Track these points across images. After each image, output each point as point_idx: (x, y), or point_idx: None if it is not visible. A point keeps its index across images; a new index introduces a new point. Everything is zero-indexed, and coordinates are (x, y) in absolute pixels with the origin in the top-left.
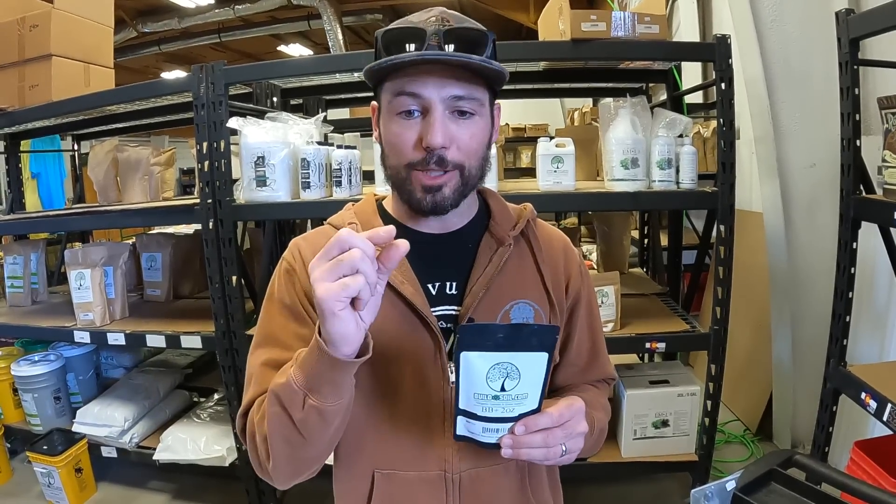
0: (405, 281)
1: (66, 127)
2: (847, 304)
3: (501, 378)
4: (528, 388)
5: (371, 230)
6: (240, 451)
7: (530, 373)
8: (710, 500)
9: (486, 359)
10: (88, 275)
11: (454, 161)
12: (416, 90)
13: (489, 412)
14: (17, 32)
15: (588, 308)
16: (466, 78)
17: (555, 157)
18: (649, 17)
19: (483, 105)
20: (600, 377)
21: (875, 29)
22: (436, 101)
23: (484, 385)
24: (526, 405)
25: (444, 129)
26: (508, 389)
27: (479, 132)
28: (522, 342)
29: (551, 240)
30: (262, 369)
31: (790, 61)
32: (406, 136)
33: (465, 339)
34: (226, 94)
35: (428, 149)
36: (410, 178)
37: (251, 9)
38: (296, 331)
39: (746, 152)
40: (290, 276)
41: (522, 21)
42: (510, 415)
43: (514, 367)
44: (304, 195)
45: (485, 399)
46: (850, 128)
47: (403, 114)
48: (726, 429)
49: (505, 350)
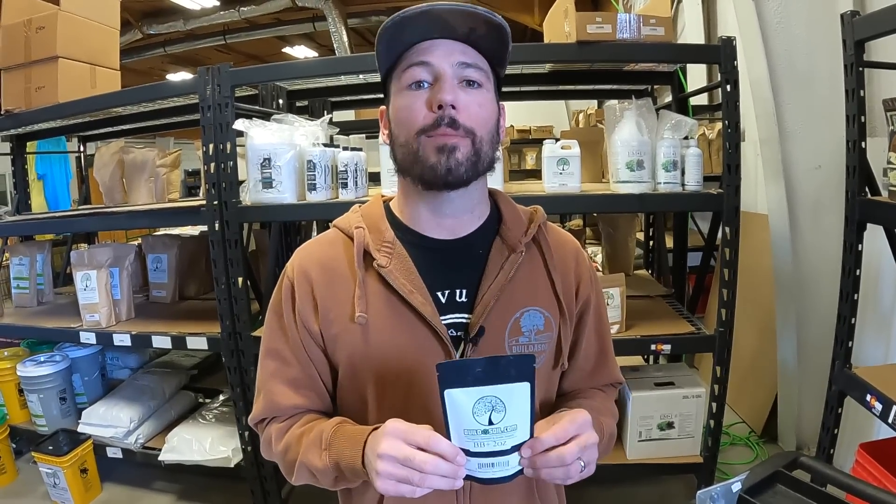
0: (414, 290)
1: (73, 128)
2: (852, 306)
3: (487, 412)
4: (516, 420)
5: (452, 449)
6: (245, 453)
7: (515, 404)
8: (715, 501)
9: (469, 394)
10: (94, 276)
11: (465, 125)
12: (426, 58)
13: (481, 447)
14: (23, 34)
15: (597, 313)
16: (472, 50)
17: (560, 159)
18: (655, 20)
19: (489, 80)
20: (608, 381)
21: (880, 31)
22: (445, 66)
23: (471, 420)
24: (517, 437)
25: (453, 90)
26: (496, 423)
27: (487, 103)
28: (501, 374)
29: (563, 245)
30: (269, 382)
31: (795, 63)
32: (417, 105)
33: (446, 376)
34: (232, 96)
35: (440, 107)
36: (422, 145)
37: (256, 11)
38: (294, 347)
39: (751, 154)
40: (290, 295)
41: (527, 23)
42: (503, 448)
43: (499, 400)
44: (310, 197)
45: (475, 434)
46: (855, 130)
47: (414, 85)
48: (731, 431)
49: (486, 384)
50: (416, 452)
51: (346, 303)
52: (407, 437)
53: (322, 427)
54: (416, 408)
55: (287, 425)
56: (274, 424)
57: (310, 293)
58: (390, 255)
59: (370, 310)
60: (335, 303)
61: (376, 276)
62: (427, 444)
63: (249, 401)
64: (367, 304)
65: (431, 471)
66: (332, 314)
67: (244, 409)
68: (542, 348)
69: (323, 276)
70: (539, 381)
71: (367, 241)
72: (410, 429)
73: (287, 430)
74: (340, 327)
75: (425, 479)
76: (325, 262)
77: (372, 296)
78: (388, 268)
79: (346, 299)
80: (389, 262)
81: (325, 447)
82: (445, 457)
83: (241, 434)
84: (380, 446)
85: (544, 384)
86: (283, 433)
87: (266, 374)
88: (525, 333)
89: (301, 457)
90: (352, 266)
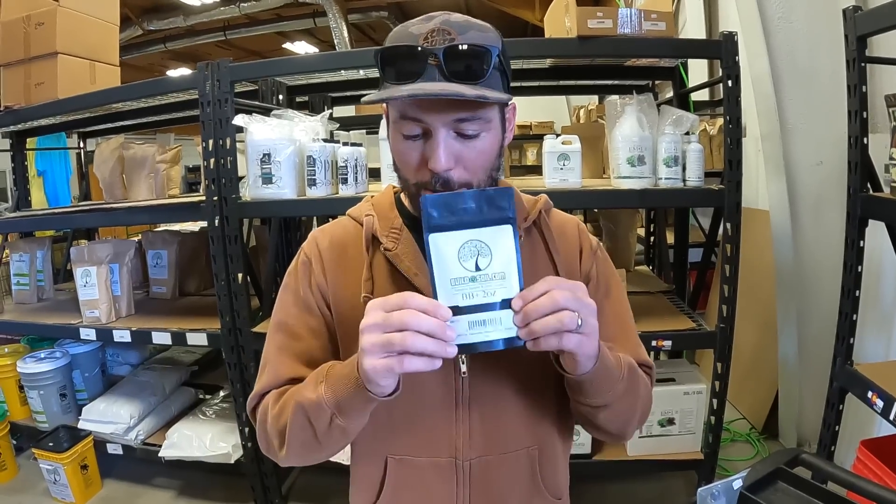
0: (419, 272)
1: (72, 124)
2: (854, 302)
3: (473, 257)
4: (503, 267)
5: (431, 303)
6: (245, 449)
7: (501, 249)
8: (716, 498)
9: (453, 238)
10: (94, 272)
11: (461, 181)
12: (418, 115)
13: (470, 299)
14: (23, 30)
15: (607, 293)
16: (470, 103)
17: (561, 155)
18: (656, 15)
19: (490, 121)
20: None
21: (882, 26)
22: (438, 126)
23: (458, 267)
24: (506, 287)
25: (447, 153)
26: (483, 268)
27: (487, 148)
28: (484, 216)
29: (564, 226)
30: (276, 355)
31: (797, 58)
32: (412, 157)
33: (430, 214)
34: (232, 92)
35: (433, 172)
36: (420, 195)
37: (257, 6)
38: (307, 322)
39: (753, 150)
40: (306, 269)
41: (528, 18)
42: (493, 299)
43: (484, 244)
44: (310, 192)
45: (462, 283)
46: (857, 125)
47: (407, 134)
48: (732, 427)
49: (469, 227)
50: (392, 314)
51: (355, 284)
52: (383, 304)
53: (318, 370)
54: (419, 385)
55: (284, 389)
56: (271, 393)
57: (322, 272)
58: (397, 241)
59: (377, 291)
60: (345, 283)
61: (384, 259)
62: (404, 301)
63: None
64: (374, 285)
65: (413, 325)
66: (340, 294)
67: (244, 405)
68: None
69: (335, 256)
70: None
71: (376, 227)
72: (387, 297)
73: (284, 393)
74: (348, 306)
75: (406, 338)
76: (337, 245)
77: (379, 278)
78: (395, 251)
79: (355, 280)
80: (396, 247)
81: (321, 380)
82: (426, 311)
83: (242, 430)
84: (361, 326)
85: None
86: (280, 396)
87: (273, 347)
88: None
89: (296, 396)
90: (360, 249)
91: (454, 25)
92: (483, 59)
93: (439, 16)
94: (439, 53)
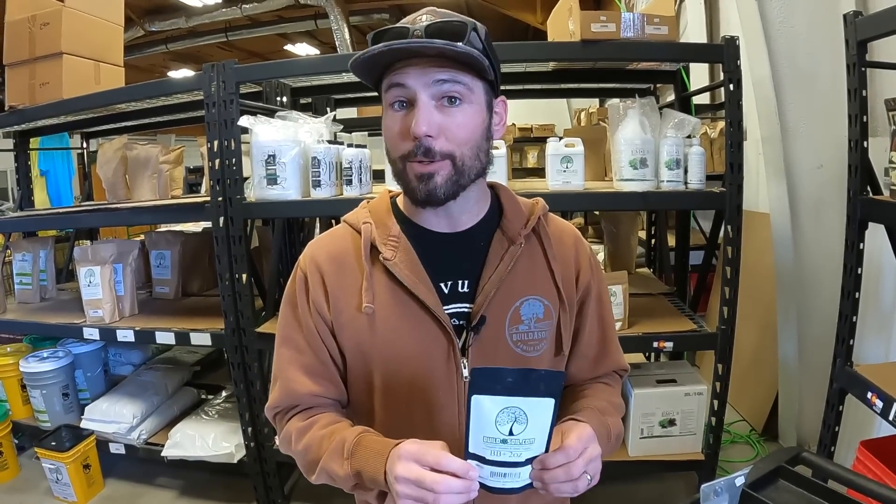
0: (418, 281)
1: (76, 125)
2: (854, 304)
3: (510, 422)
4: (535, 434)
5: (462, 467)
6: (248, 449)
7: (538, 418)
8: (719, 495)
9: (496, 402)
10: (98, 272)
11: (442, 151)
12: (400, 80)
13: (497, 456)
14: (28, 30)
15: (598, 300)
16: (450, 66)
17: (564, 157)
18: (658, 19)
19: (472, 91)
20: (612, 368)
21: (883, 31)
22: (419, 89)
23: (493, 429)
24: (533, 450)
25: (428, 118)
26: (517, 434)
27: (468, 120)
28: (531, 387)
29: (562, 234)
30: (285, 369)
31: (798, 62)
32: (396, 129)
33: (477, 381)
34: (237, 93)
35: (415, 138)
36: (406, 169)
37: (258, 8)
38: (307, 337)
39: (753, 153)
40: (303, 286)
41: (529, 21)
42: (517, 459)
43: (523, 412)
44: (315, 194)
45: (493, 443)
46: (857, 129)
47: (396, 105)
48: (732, 429)
49: (514, 395)
50: (427, 473)
51: (355, 294)
52: (419, 458)
53: (344, 436)
54: (419, 395)
55: (307, 426)
56: (294, 421)
57: (321, 283)
58: (396, 249)
59: (377, 300)
60: (344, 293)
61: (382, 268)
62: (438, 464)
63: (253, 397)
64: (374, 295)
65: (444, 490)
66: (341, 304)
67: (247, 405)
68: (541, 336)
69: (333, 267)
70: None
71: (374, 236)
72: (422, 449)
73: (307, 430)
74: (349, 317)
75: (439, 498)
76: (334, 255)
77: (378, 287)
78: (394, 260)
79: (355, 290)
80: (395, 256)
81: (346, 457)
82: (457, 474)
83: (245, 430)
84: (395, 469)
85: None
86: (303, 434)
87: (282, 362)
88: (525, 322)
89: (323, 463)
90: (360, 259)
91: (439, 13)
92: (462, 30)
93: (427, 8)
94: (422, 28)
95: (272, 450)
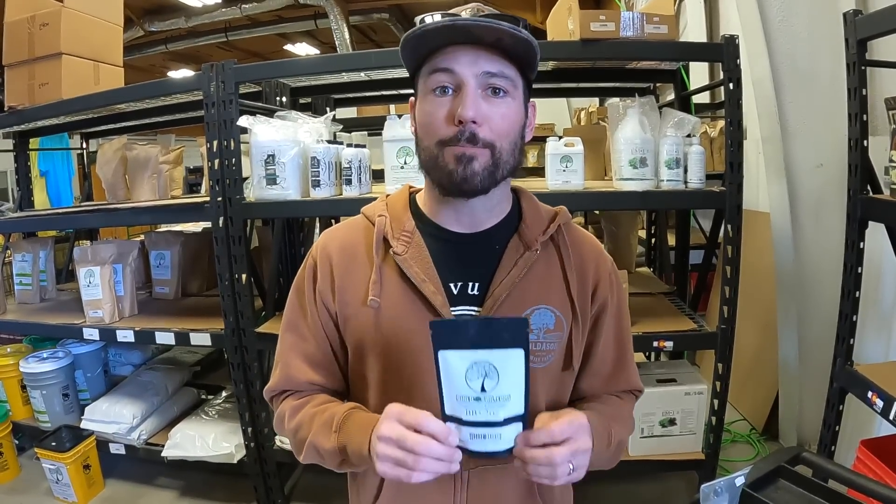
0: (427, 279)
1: (75, 125)
2: (854, 303)
3: (480, 377)
4: (509, 389)
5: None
6: (248, 449)
7: (509, 372)
8: (719, 494)
9: (463, 357)
10: (98, 272)
11: (485, 139)
12: (450, 65)
13: (473, 416)
14: (27, 30)
15: (616, 317)
16: (498, 57)
17: (564, 157)
18: (658, 18)
19: (516, 87)
20: (625, 388)
21: (883, 30)
22: (468, 77)
23: (465, 386)
24: (510, 408)
25: (476, 104)
26: (489, 390)
27: (511, 113)
28: (495, 337)
29: (582, 246)
30: (287, 354)
31: (798, 61)
32: (439, 113)
33: (439, 335)
34: (236, 93)
35: (460, 122)
36: (443, 154)
37: (258, 8)
38: (311, 325)
39: (753, 152)
40: (312, 274)
41: (529, 21)
42: (495, 419)
43: (493, 367)
44: (314, 193)
45: (467, 401)
46: (857, 128)
47: (438, 90)
48: (732, 428)
49: (480, 347)
50: (408, 433)
51: (362, 286)
52: (401, 417)
53: (334, 410)
54: (419, 392)
55: (301, 404)
56: (289, 401)
57: (329, 273)
58: (408, 244)
59: (383, 295)
60: (352, 285)
61: (393, 263)
62: (419, 423)
63: (253, 397)
64: (382, 289)
65: (424, 451)
66: (347, 295)
67: (247, 405)
68: (550, 347)
69: (343, 258)
70: (548, 383)
71: (387, 229)
72: (405, 410)
73: (301, 408)
74: (354, 309)
75: (419, 461)
76: (346, 246)
77: (387, 282)
78: (404, 256)
79: (363, 283)
80: (406, 251)
81: (335, 430)
82: (437, 437)
83: (245, 430)
84: (379, 429)
85: (554, 385)
86: (297, 411)
87: (285, 346)
88: (534, 331)
89: (311, 437)
90: (371, 251)
91: (487, 9)
92: (518, 21)
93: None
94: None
95: (272, 450)
